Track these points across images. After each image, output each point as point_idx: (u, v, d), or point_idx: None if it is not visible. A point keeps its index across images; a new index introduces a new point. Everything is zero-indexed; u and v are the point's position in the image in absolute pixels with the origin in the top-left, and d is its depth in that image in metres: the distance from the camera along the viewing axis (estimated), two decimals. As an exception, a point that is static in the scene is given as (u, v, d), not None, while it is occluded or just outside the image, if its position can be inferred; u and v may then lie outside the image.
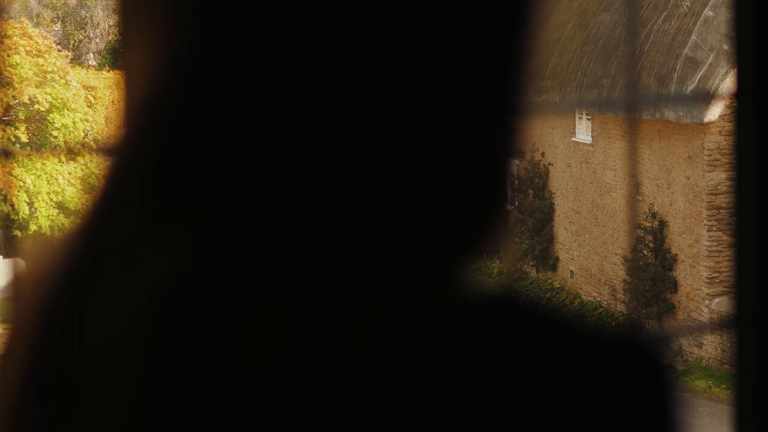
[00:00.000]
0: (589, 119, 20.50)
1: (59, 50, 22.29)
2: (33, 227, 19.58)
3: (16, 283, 0.67)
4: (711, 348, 17.30)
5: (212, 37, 0.61)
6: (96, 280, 0.63)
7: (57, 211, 19.19)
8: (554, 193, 21.54)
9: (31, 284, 0.66)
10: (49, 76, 20.91)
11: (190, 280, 0.60)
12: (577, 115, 20.86)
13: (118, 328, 0.61)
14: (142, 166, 0.63)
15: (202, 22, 0.61)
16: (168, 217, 0.61)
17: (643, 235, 18.35)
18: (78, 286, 0.63)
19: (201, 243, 0.60)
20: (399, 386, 0.57)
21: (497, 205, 0.66)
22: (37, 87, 20.70)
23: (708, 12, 17.58)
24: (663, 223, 18.40)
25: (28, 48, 20.93)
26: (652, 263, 18.38)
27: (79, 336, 0.62)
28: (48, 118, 20.71)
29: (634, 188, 18.11)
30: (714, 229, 17.34)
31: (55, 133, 20.67)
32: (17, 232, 19.88)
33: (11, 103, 20.41)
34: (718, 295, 17.38)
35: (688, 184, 17.81)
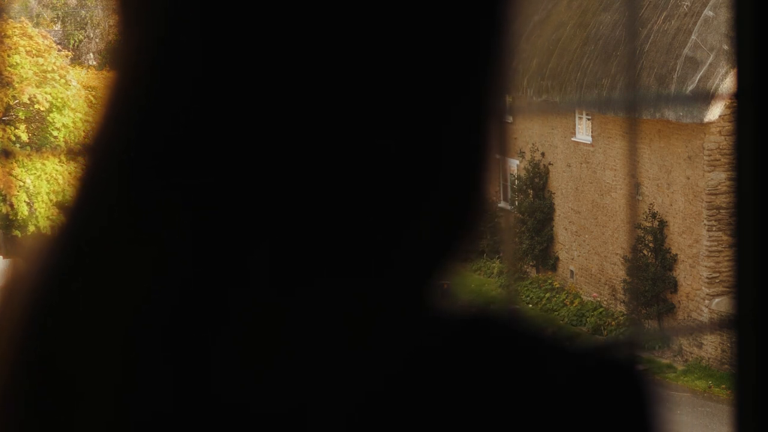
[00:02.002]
0: (589, 119, 20.50)
1: (59, 50, 22.28)
2: (32, 227, 19.57)
3: (13, 282, 0.67)
4: (711, 348, 17.30)
5: (192, 35, 0.60)
6: (78, 277, 0.63)
7: (57, 211, 19.10)
8: (554, 193, 21.53)
9: (26, 283, 0.66)
10: (49, 76, 20.90)
11: (173, 279, 0.60)
12: (577, 115, 20.86)
13: (103, 325, 0.61)
14: (115, 164, 0.63)
15: (182, 21, 0.61)
16: (148, 214, 0.61)
17: (643, 235, 18.35)
18: (61, 284, 0.63)
19: (182, 243, 0.60)
20: (377, 409, 0.57)
21: (488, 205, 0.66)
22: (37, 87, 20.69)
23: (708, 12, 17.58)
24: (663, 223, 18.40)
25: (28, 48, 20.92)
26: (652, 263, 18.38)
27: (62, 333, 0.62)
28: (48, 118, 20.70)
29: (634, 188, 18.10)
30: (714, 229, 17.34)
31: (55, 133, 20.67)
32: (17, 232, 19.87)
33: (11, 103, 20.41)
34: (718, 295, 17.38)
35: (688, 184, 17.81)
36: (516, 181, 21.99)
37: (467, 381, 0.58)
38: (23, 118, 20.65)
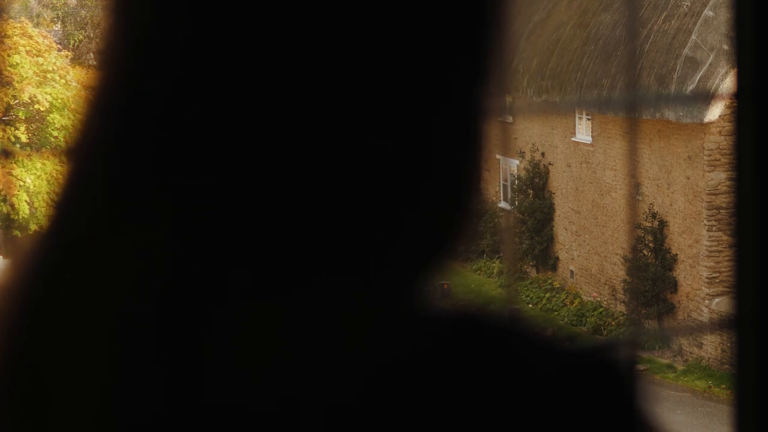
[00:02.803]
0: (589, 119, 20.50)
1: (59, 50, 22.29)
2: (33, 227, 19.57)
3: (11, 282, 0.67)
4: (711, 348, 17.30)
5: (185, 36, 0.60)
6: (64, 275, 0.63)
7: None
8: (554, 193, 21.53)
9: (22, 282, 0.66)
10: (49, 76, 20.90)
11: (165, 277, 0.60)
12: (577, 115, 20.85)
13: (89, 322, 0.61)
14: (102, 164, 0.63)
15: (175, 21, 0.60)
16: (138, 213, 0.61)
17: (643, 235, 18.35)
18: (46, 282, 0.63)
19: (176, 242, 0.60)
20: (365, 404, 0.57)
21: (486, 205, 0.66)
22: (37, 87, 20.69)
23: (708, 12, 17.58)
24: (663, 223, 18.40)
25: (28, 48, 20.92)
26: (652, 263, 18.37)
27: (48, 330, 0.62)
28: (48, 118, 20.71)
29: (634, 188, 18.10)
30: (714, 229, 17.34)
31: (55, 133, 20.67)
32: (17, 232, 19.87)
33: (11, 103, 20.41)
34: (718, 295, 17.38)
35: (688, 184, 17.81)
36: (516, 181, 21.99)
37: (460, 381, 0.58)
38: (23, 118, 20.65)
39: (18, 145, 20.63)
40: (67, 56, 22.51)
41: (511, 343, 0.60)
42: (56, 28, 33.07)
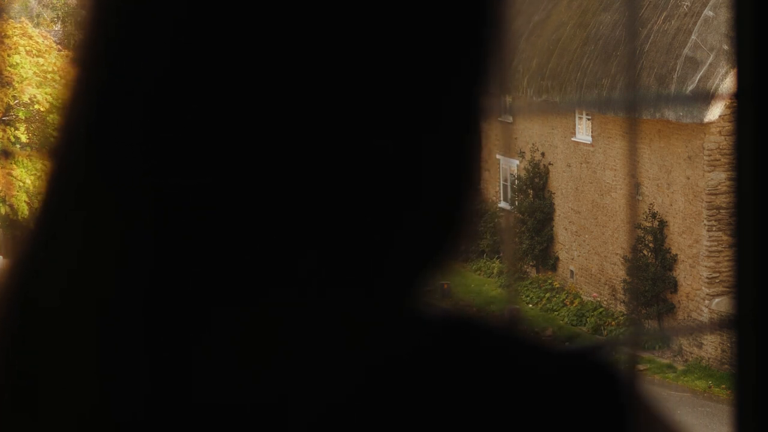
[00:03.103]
0: (589, 119, 20.50)
1: (59, 50, 22.29)
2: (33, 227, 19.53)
3: (9, 282, 0.67)
4: (711, 348, 17.30)
5: (175, 32, 0.60)
6: (58, 277, 0.63)
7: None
8: (554, 193, 21.53)
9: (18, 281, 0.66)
10: (49, 76, 20.90)
11: (154, 278, 0.60)
12: (577, 115, 20.85)
13: (75, 320, 0.61)
14: (93, 162, 0.63)
15: (165, 15, 0.60)
16: (135, 212, 0.61)
17: (643, 235, 18.35)
18: (42, 284, 0.63)
19: (165, 242, 0.60)
20: (365, 404, 0.56)
21: (486, 205, 0.66)
22: (37, 87, 20.69)
23: (708, 12, 17.58)
24: (663, 223, 18.40)
25: (28, 48, 20.93)
26: (652, 263, 18.37)
27: (45, 332, 0.62)
28: (48, 118, 20.69)
29: (634, 188, 18.11)
30: (714, 229, 17.34)
31: (55, 134, 20.64)
32: (17, 232, 19.85)
33: (11, 103, 20.41)
34: (718, 295, 17.38)
35: (688, 184, 17.80)
36: (516, 181, 21.99)
37: (460, 381, 0.57)
38: (23, 118, 20.66)
39: (18, 145, 20.63)
40: (67, 56, 22.47)
41: (510, 343, 0.60)
42: (56, 28, 33.05)
